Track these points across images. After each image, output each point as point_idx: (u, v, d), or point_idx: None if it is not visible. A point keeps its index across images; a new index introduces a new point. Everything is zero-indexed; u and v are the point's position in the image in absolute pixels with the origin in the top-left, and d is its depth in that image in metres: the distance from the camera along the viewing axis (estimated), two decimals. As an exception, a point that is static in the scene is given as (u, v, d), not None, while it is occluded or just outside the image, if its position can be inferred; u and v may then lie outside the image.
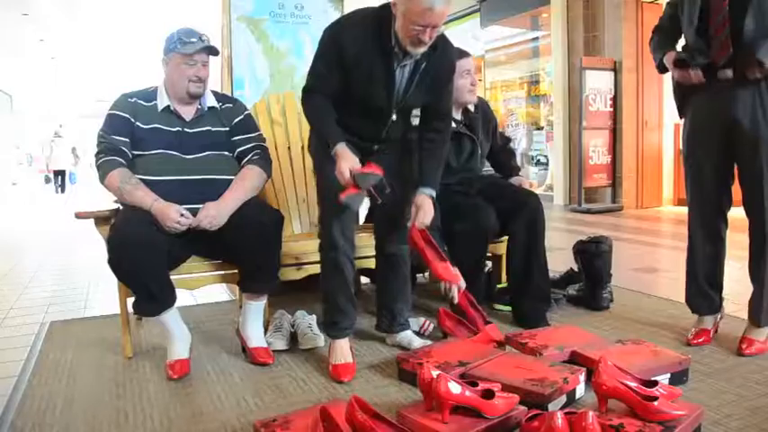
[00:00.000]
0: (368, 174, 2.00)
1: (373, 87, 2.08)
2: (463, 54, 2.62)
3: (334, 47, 2.04)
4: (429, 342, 2.30)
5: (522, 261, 2.61)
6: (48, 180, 15.56)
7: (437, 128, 2.25)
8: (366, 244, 2.52)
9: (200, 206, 2.16)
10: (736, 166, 2.23)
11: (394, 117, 2.17)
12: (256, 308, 2.32)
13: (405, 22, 1.93)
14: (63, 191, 14.43)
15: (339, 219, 2.13)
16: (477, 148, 2.75)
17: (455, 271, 2.19)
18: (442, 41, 2.09)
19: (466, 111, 2.77)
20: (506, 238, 2.88)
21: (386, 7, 2.01)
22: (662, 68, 2.31)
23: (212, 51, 2.31)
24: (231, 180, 2.26)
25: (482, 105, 2.90)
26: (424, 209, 2.17)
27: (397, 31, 1.98)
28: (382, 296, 2.40)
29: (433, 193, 2.21)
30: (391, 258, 2.33)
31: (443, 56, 2.12)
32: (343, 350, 2.18)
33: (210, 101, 2.36)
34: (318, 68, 2.10)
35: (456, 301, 2.22)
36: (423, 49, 1.99)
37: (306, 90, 2.14)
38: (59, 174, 14.70)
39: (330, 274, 2.19)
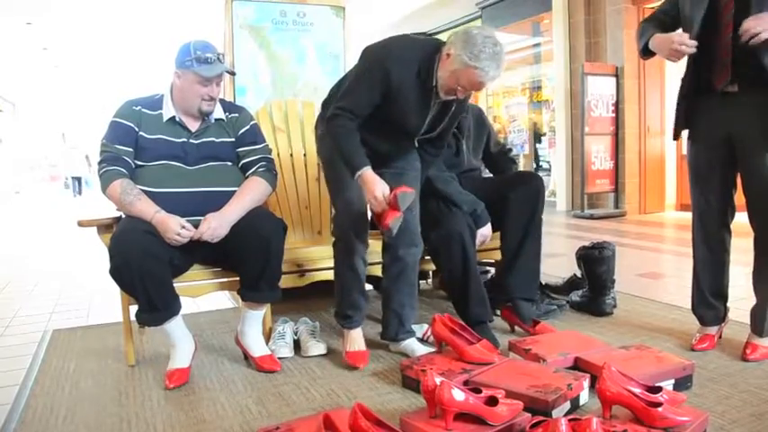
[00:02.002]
0: (407, 194, 2.08)
1: (408, 118, 2.20)
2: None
3: (380, 73, 2.10)
4: (431, 349, 2.30)
5: (517, 233, 2.62)
6: (67, 186, 18.30)
7: (434, 153, 2.47)
8: (370, 251, 2.52)
9: (202, 218, 2.13)
10: (739, 177, 2.22)
11: (416, 144, 2.34)
12: (256, 317, 2.31)
13: (452, 78, 2.06)
14: (80, 194, 16.77)
15: (355, 224, 2.23)
16: (462, 145, 2.77)
17: (486, 351, 2.12)
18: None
19: None
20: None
21: (433, 45, 2.14)
22: (646, 52, 2.25)
23: (227, 70, 2.28)
24: (235, 192, 2.23)
25: (475, 111, 2.94)
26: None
27: (438, 74, 2.10)
28: (390, 302, 2.39)
29: None
30: (401, 262, 2.33)
31: (467, 102, 2.41)
32: (356, 339, 2.31)
33: (218, 113, 2.31)
34: (359, 91, 2.15)
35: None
36: (450, 98, 2.16)
37: (340, 108, 2.15)
38: (77, 179, 17.20)
39: (345, 274, 2.30)
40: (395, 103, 2.13)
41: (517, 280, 2.62)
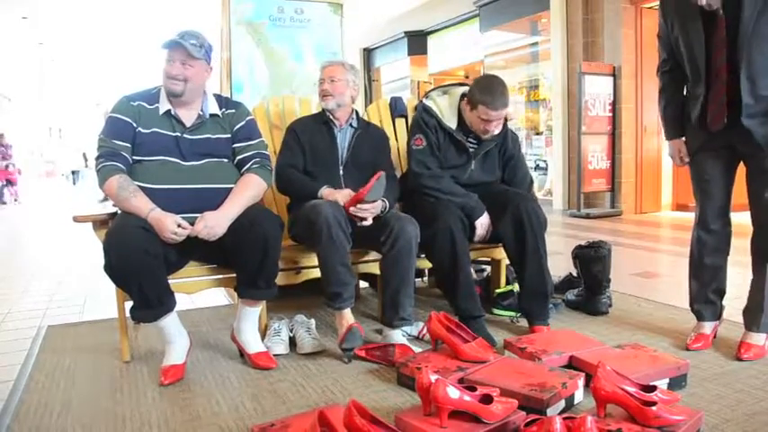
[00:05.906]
0: (374, 188, 2.32)
1: (322, 150, 2.61)
2: (490, 104, 2.50)
3: (292, 134, 2.63)
4: (422, 348, 2.29)
5: (517, 260, 2.60)
6: (67, 178, 22.10)
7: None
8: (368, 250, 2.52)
9: (199, 215, 2.13)
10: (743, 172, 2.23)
11: (341, 171, 2.60)
12: (252, 313, 2.31)
13: (318, 89, 2.62)
14: (74, 184, 20.25)
15: (330, 204, 2.31)
16: (470, 163, 2.70)
17: (482, 349, 2.12)
18: (371, 125, 2.83)
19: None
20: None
21: (321, 112, 2.68)
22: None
23: (185, 48, 2.18)
24: (231, 189, 2.23)
25: (506, 139, 2.79)
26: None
27: (320, 104, 2.64)
28: (386, 287, 2.40)
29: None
30: (397, 244, 2.33)
31: (375, 129, 2.82)
32: (355, 333, 2.27)
33: (213, 108, 2.31)
34: (285, 153, 2.62)
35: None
36: (331, 102, 2.57)
37: (278, 169, 2.57)
38: (75, 173, 20.95)
39: (326, 248, 2.26)
40: (310, 148, 2.60)
41: (525, 304, 2.61)
